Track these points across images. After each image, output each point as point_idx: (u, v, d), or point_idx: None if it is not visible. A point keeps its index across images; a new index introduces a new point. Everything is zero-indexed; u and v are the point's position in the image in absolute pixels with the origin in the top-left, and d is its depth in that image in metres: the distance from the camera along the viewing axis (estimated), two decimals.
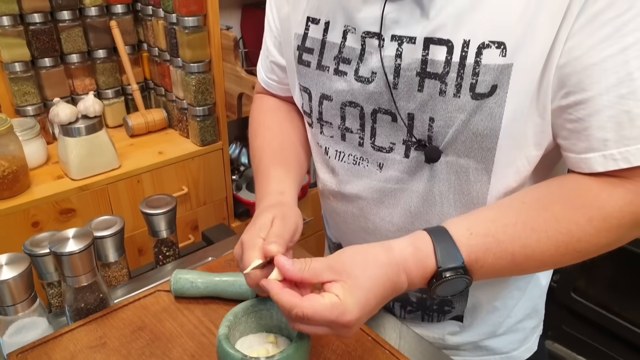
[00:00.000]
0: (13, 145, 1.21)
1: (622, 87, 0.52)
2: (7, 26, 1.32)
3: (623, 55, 0.51)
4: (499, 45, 0.55)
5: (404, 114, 0.64)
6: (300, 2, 0.71)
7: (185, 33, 1.35)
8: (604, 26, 0.51)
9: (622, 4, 0.50)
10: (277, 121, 0.84)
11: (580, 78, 0.53)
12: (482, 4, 0.55)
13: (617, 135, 0.53)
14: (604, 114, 0.53)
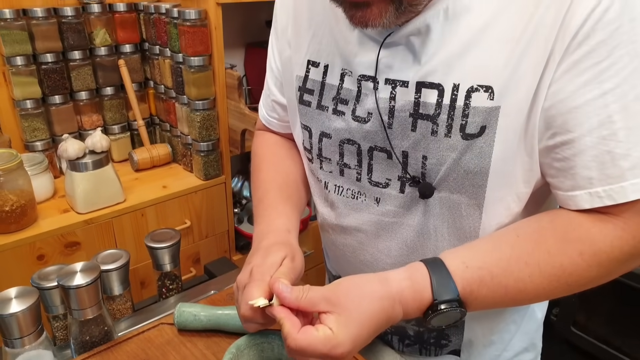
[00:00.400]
0: (22, 180, 1.24)
1: (604, 129, 0.55)
2: (21, 65, 1.37)
3: (603, 99, 0.54)
4: (486, 89, 0.59)
5: (399, 152, 0.67)
6: (301, 46, 0.76)
7: (191, 72, 1.41)
8: (584, 73, 0.54)
9: (600, 52, 0.53)
10: (280, 157, 0.87)
11: (564, 120, 0.57)
12: (470, 51, 0.59)
13: (601, 174, 0.56)
14: (587, 153, 0.56)
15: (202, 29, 1.37)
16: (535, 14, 0.55)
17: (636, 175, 0.55)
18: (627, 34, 0.53)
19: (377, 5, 0.55)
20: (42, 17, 1.37)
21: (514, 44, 0.57)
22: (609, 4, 0.52)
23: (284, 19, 0.79)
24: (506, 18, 0.57)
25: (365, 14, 0.56)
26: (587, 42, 0.53)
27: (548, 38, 0.55)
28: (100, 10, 1.49)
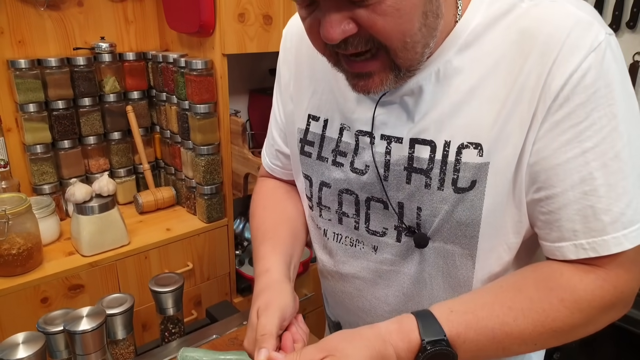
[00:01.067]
0: (30, 223, 1.27)
1: (585, 185, 0.59)
2: (33, 112, 1.42)
3: (583, 157, 0.58)
4: (476, 146, 0.62)
5: (395, 203, 0.70)
6: (302, 101, 0.80)
7: (197, 119, 1.46)
8: (565, 132, 0.58)
9: (579, 114, 0.58)
10: (274, 200, 0.90)
11: (548, 175, 0.60)
12: (460, 111, 0.63)
13: (585, 227, 0.60)
14: (571, 207, 0.60)
15: (208, 78, 1.43)
16: (520, 77, 0.60)
17: (617, 229, 0.59)
18: (604, 97, 0.57)
19: (378, 75, 0.59)
20: (56, 67, 1.43)
21: (500, 104, 0.61)
22: (586, 70, 0.57)
23: (286, 75, 0.83)
24: (493, 81, 0.61)
25: (367, 83, 0.60)
26: (567, 104, 0.57)
27: (531, 99, 0.59)
28: (111, 60, 1.55)
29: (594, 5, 1.73)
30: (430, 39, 0.59)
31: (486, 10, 0.63)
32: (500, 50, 0.61)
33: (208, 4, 1.36)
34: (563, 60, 0.57)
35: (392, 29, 0.55)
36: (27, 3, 1.42)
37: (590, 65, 0.57)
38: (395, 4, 0.53)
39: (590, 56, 0.56)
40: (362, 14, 0.54)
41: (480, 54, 0.62)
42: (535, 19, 0.60)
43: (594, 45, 0.57)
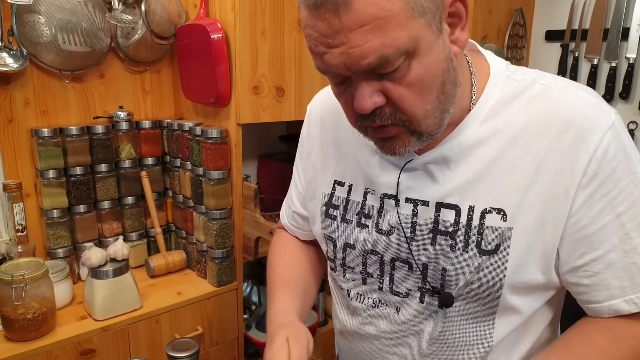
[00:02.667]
0: (45, 287, 1.29)
1: (625, 245, 0.65)
2: (52, 178, 1.47)
3: (618, 220, 0.64)
4: (499, 212, 0.67)
5: (420, 264, 0.74)
6: (328, 168, 0.86)
7: (211, 184, 1.50)
8: (599, 202, 0.65)
9: (608, 184, 0.64)
10: (291, 251, 0.98)
11: (590, 241, 0.66)
12: (483, 179, 0.68)
13: (632, 283, 0.65)
14: (616, 266, 0.65)
15: (223, 146, 1.49)
16: (540, 151, 0.66)
17: None
18: (626, 167, 0.64)
19: (401, 138, 0.65)
20: (76, 135, 1.50)
21: (521, 174, 0.66)
22: (606, 146, 0.64)
23: (309, 146, 0.89)
24: (513, 152, 0.67)
25: (393, 144, 0.66)
26: (597, 178, 0.64)
27: (554, 174, 0.65)
28: (128, 127, 1.62)
29: (587, 75, 1.84)
30: (449, 105, 0.65)
31: (501, 90, 0.70)
32: (519, 126, 0.67)
33: (224, 78, 1.45)
34: (584, 140, 0.64)
35: (415, 98, 0.61)
36: (53, 76, 1.50)
37: (610, 142, 0.63)
38: (418, 75, 0.60)
39: (607, 134, 0.64)
40: (390, 86, 0.61)
41: (500, 127, 0.68)
42: (550, 101, 0.67)
43: (609, 124, 0.64)
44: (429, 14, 0.58)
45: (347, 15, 0.55)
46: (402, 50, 0.57)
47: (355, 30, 0.56)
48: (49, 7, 1.41)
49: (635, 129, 1.76)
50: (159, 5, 1.57)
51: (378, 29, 0.56)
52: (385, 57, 0.57)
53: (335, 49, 0.58)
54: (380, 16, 0.55)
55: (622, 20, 1.73)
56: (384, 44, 0.56)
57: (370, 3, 0.55)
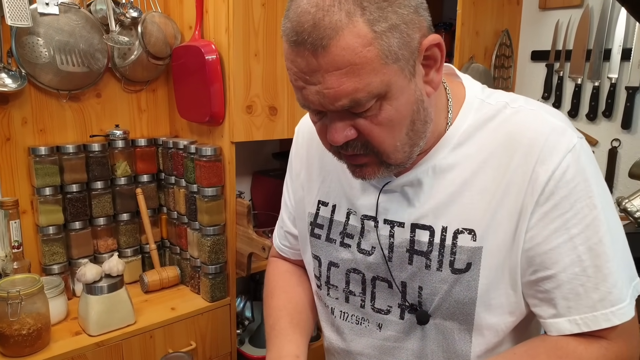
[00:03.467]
0: (40, 303, 1.31)
1: (575, 267, 0.67)
2: (48, 195, 1.50)
3: (571, 242, 0.67)
4: (469, 232, 0.71)
5: (398, 282, 0.77)
6: (313, 189, 0.89)
7: (205, 201, 1.54)
8: (554, 221, 0.67)
9: (564, 205, 0.67)
10: (291, 285, 0.97)
11: (542, 259, 0.68)
12: (455, 201, 0.72)
13: (577, 304, 0.67)
14: (565, 287, 0.68)
15: (217, 164, 1.53)
16: (507, 173, 0.69)
17: (605, 307, 0.66)
18: (583, 190, 0.67)
19: (371, 167, 0.70)
20: (73, 153, 1.53)
21: (490, 196, 0.70)
22: (565, 167, 0.66)
23: (298, 166, 0.93)
24: (483, 175, 0.71)
25: (363, 171, 0.71)
26: (553, 197, 0.67)
27: (518, 193, 0.68)
28: (124, 145, 1.66)
29: (572, 94, 1.89)
30: (418, 140, 0.69)
31: (475, 114, 0.73)
32: (489, 149, 0.71)
33: (219, 97, 1.49)
34: (545, 160, 0.67)
35: (385, 136, 0.66)
36: (51, 96, 1.54)
37: (569, 164, 0.66)
38: (389, 116, 0.64)
39: (567, 156, 0.67)
40: (362, 123, 0.65)
41: (471, 151, 0.72)
42: (518, 123, 0.70)
43: (570, 147, 0.67)
44: (403, 60, 0.62)
45: (324, 57, 0.59)
46: (373, 94, 0.61)
47: (331, 72, 0.60)
48: (47, 29, 1.45)
49: (618, 147, 1.81)
50: (155, 27, 1.62)
51: (352, 74, 0.59)
52: (357, 100, 0.61)
53: (312, 87, 0.62)
54: (355, 62, 0.59)
55: (604, 41, 1.79)
56: (357, 88, 0.60)
57: (347, 48, 0.58)
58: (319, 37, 0.58)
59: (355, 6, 0.58)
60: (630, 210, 1.34)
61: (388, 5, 0.59)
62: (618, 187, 1.83)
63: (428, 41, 0.64)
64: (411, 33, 0.62)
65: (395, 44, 0.60)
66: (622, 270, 0.69)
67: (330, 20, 0.58)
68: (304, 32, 0.59)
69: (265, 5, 1.50)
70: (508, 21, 1.98)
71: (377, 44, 0.59)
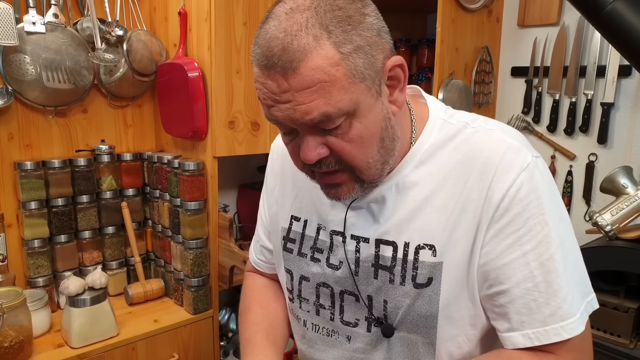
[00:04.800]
0: (23, 316, 1.33)
1: (528, 282, 0.70)
2: (34, 209, 1.53)
3: (524, 258, 0.70)
4: (430, 247, 0.74)
5: (365, 296, 0.80)
6: (286, 204, 0.92)
7: (187, 215, 1.57)
8: (507, 237, 0.70)
9: (517, 222, 0.70)
10: (268, 300, 0.99)
11: (497, 274, 0.71)
12: (416, 217, 0.75)
13: (530, 319, 0.70)
14: (518, 301, 0.70)
15: (199, 178, 1.56)
16: (464, 190, 0.72)
17: (555, 321, 0.69)
18: (536, 208, 0.70)
19: (346, 185, 0.72)
20: (59, 168, 1.56)
21: (449, 212, 0.73)
22: (519, 185, 0.70)
23: (272, 182, 0.96)
24: (443, 192, 0.74)
25: (337, 191, 0.74)
26: (507, 214, 0.70)
27: (475, 210, 0.71)
28: (109, 160, 1.69)
29: (550, 109, 1.93)
30: (388, 157, 0.72)
31: (437, 133, 0.77)
32: (448, 167, 0.74)
33: (201, 113, 1.52)
34: (500, 178, 0.70)
35: (356, 152, 0.68)
36: (37, 112, 1.57)
37: (523, 182, 0.70)
38: (358, 132, 0.67)
39: (521, 174, 0.70)
40: (333, 140, 0.68)
41: (432, 170, 0.75)
42: (476, 143, 0.74)
43: (524, 166, 0.70)
44: (369, 79, 0.65)
45: (294, 78, 0.62)
46: (343, 111, 0.64)
47: (302, 91, 0.63)
48: (34, 47, 1.48)
49: (595, 161, 1.85)
50: (141, 44, 1.65)
51: (322, 91, 0.63)
52: (328, 115, 0.64)
53: (283, 105, 0.65)
54: (324, 80, 0.62)
55: (580, 58, 1.84)
56: (327, 103, 0.63)
57: (316, 69, 0.61)
58: (288, 60, 0.61)
59: (321, 30, 0.61)
60: (600, 224, 1.38)
61: (352, 29, 0.63)
62: (595, 200, 1.87)
63: (391, 62, 0.67)
64: (375, 54, 0.65)
65: (361, 64, 0.63)
66: (574, 286, 0.71)
67: (298, 44, 0.61)
68: (273, 56, 0.62)
69: (247, 24, 1.54)
70: (488, 38, 2.03)
71: (345, 64, 0.62)
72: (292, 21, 0.62)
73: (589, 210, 1.86)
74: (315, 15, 0.62)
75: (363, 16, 0.64)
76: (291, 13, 0.63)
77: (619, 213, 1.37)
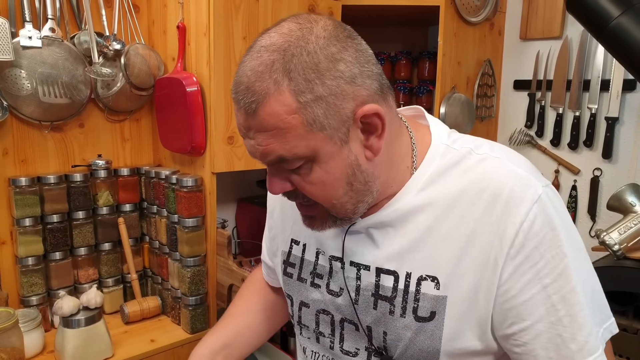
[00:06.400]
0: (15, 337, 1.29)
1: (551, 316, 0.66)
2: (28, 226, 1.49)
3: (545, 292, 0.67)
4: (433, 279, 0.70)
5: (365, 325, 0.77)
6: (286, 227, 0.90)
7: (185, 232, 1.53)
8: (526, 273, 0.67)
9: (535, 256, 0.67)
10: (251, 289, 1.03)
11: (518, 311, 0.68)
12: (419, 247, 0.72)
13: (557, 355, 0.67)
14: (543, 337, 0.67)
15: (197, 194, 1.53)
16: (470, 222, 0.69)
17: (584, 357, 0.66)
18: (552, 240, 0.67)
19: (319, 219, 0.73)
20: (54, 184, 1.53)
21: (453, 244, 0.70)
22: (533, 219, 0.66)
23: (272, 204, 0.94)
24: (447, 222, 0.71)
25: (312, 223, 0.75)
26: (524, 250, 0.67)
27: (485, 243, 0.68)
28: (106, 175, 1.66)
29: (554, 123, 1.91)
30: (362, 197, 0.71)
31: (440, 160, 0.74)
32: (453, 195, 0.71)
33: (200, 128, 1.50)
34: (511, 212, 0.67)
35: (318, 194, 0.69)
36: (32, 127, 1.55)
37: (536, 215, 0.66)
38: (319, 177, 0.67)
39: (534, 207, 0.67)
40: (296, 178, 0.68)
41: (435, 197, 0.72)
42: (482, 172, 0.70)
43: (535, 198, 0.67)
44: (330, 129, 0.64)
45: (254, 118, 0.64)
46: (299, 156, 0.65)
47: (260, 132, 0.64)
48: (30, 62, 1.46)
49: (600, 176, 1.82)
50: (139, 58, 1.63)
51: (278, 136, 0.64)
52: (284, 158, 0.65)
53: (249, 140, 0.67)
54: (280, 127, 0.63)
55: (583, 72, 1.82)
56: (283, 147, 0.64)
57: (272, 114, 0.62)
58: (250, 100, 0.63)
59: (283, 76, 0.62)
60: (608, 243, 1.35)
61: (316, 78, 0.62)
62: (601, 216, 1.84)
63: (363, 111, 0.65)
64: (340, 103, 0.64)
65: (321, 114, 0.63)
66: (595, 316, 0.68)
67: (260, 86, 0.62)
68: (239, 92, 0.65)
69: (246, 39, 1.52)
70: (490, 51, 2.01)
71: (302, 113, 0.62)
72: (260, 60, 0.63)
73: (595, 227, 1.83)
74: (282, 58, 0.62)
75: (334, 62, 0.63)
76: (262, 51, 0.63)
77: (627, 232, 1.33)
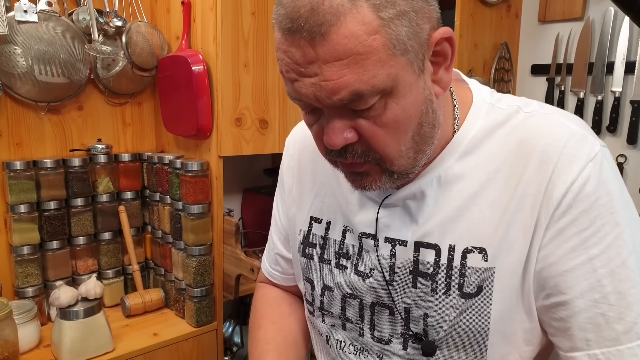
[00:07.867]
0: (8, 330, 1.21)
1: (595, 292, 0.58)
2: (23, 213, 1.41)
3: (590, 264, 0.58)
4: (480, 251, 0.62)
5: (401, 308, 0.68)
6: (304, 204, 0.81)
7: (190, 219, 1.45)
8: (570, 239, 0.59)
9: (583, 221, 0.58)
10: (281, 315, 0.87)
11: (556, 282, 0.60)
12: (463, 216, 0.63)
13: (597, 337, 0.58)
14: (582, 315, 0.59)
15: (203, 179, 1.44)
16: (520, 184, 0.61)
17: (631, 339, 0.57)
18: (605, 205, 0.58)
19: (372, 175, 0.62)
20: (51, 168, 1.44)
21: (502, 210, 0.61)
22: (586, 179, 0.58)
23: (289, 180, 0.85)
24: (494, 187, 0.62)
25: (364, 181, 0.62)
26: (570, 212, 0.58)
27: (533, 206, 0.60)
28: (106, 161, 1.57)
29: (574, 109, 1.83)
30: (425, 147, 0.61)
31: (484, 119, 0.66)
32: (500, 157, 0.63)
33: (206, 110, 1.41)
34: (563, 170, 0.59)
35: (390, 139, 0.58)
36: (28, 107, 1.46)
37: (590, 175, 0.58)
38: (394, 116, 0.56)
39: (588, 166, 0.59)
40: (363, 124, 0.57)
41: (480, 160, 0.64)
42: (532, 128, 0.62)
43: (591, 156, 0.59)
44: (412, 52, 0.55)
45: (323, 46, 0.52)
46: (378, 89, 0.54)
47: (331, 63, 0.53)
48: (26, 38, 1.38)
49: (624, 162, 1.74)
50: (141, 37, 1.55)
51: (355, 65, 0.52)
52: (359, 94, 0.54)
53: (307, 79, 0.55)
54: (358, 51, 0.52)
55: (607, 54, 1.74)
56: (360, 79, 0.53)
57: (350, 36, 0.51)
58: (317, 23, 0.51)
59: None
60: None
61: None
62: None
63: (439, 34, 0.57)
64: (421, 23, 0.55)
65: (404, 34, 0.53)
66: None
67: (330, 4, 0.51)
68: (299, 18, 0.52)
69: (255, 14, 1.44)
70: (507, 34, 1.93)
71: (384, 32, 0.52)
72: None
73: None
74: None
75: None
76: None
77: None
